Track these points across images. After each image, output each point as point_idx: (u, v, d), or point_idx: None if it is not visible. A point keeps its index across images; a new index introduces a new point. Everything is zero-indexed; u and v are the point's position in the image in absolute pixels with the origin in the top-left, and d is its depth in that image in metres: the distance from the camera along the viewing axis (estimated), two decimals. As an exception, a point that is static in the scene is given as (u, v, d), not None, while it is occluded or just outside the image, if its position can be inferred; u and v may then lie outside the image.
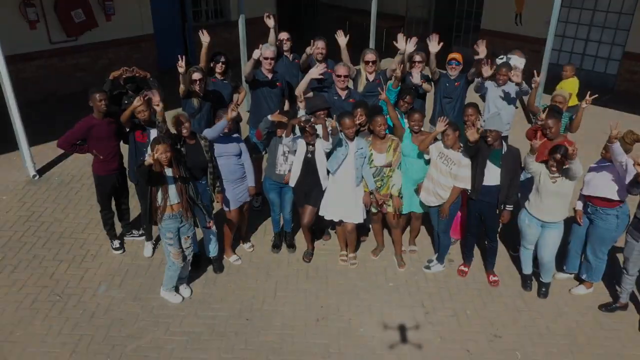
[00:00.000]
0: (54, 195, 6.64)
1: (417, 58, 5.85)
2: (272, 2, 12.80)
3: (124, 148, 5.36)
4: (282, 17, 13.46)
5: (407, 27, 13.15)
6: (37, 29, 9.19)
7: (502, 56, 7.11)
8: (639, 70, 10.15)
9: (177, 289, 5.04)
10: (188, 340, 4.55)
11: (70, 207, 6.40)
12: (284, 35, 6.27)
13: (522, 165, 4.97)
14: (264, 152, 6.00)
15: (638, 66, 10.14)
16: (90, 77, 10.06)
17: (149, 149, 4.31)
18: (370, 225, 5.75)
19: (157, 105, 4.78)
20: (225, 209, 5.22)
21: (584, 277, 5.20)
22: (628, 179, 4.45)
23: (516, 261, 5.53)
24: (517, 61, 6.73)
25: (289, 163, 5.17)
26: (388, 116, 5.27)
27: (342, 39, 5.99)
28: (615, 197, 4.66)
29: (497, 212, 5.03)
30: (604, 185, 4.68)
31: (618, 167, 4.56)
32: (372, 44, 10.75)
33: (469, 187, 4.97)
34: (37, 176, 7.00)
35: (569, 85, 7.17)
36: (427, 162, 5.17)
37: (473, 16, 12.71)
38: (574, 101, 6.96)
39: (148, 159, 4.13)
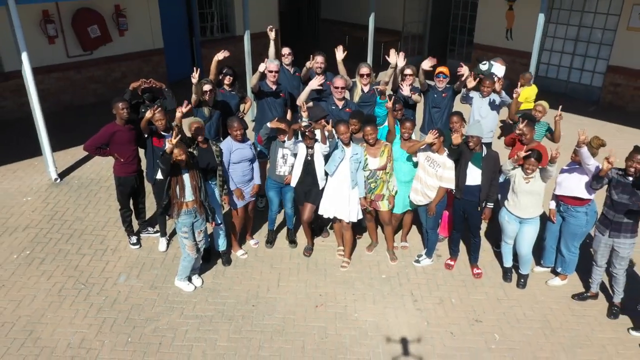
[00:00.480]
0: (74, 197, 7.20)
1: (408, 72, 6.44)
2: (274, 18, 13.44)
3: (141, 152, 5.92)
4: (284, 32, 14.12)
5: (403, 41, 13.77)
6: (56, 44, 9.82)
7: (485, 62, 7.76)
8: (622, 82, 10.72)
9: (189, 279, 5.57)
10: (200, 323, 5.08)
11: (90, 207, 6.96)
12: (285, 50, 6.87)
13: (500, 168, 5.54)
14: (269, 157, 6.56)
15: (621, 79, 10.72)
16: (104, 89, 10.71)
17: (167, 142, 4.84)
18: (366, 224, 6.28)
19: (180, 112, 5.30)
20: (233, 207, 5.77)
21: (559, 270, 5.72)
22: (590, 174, 5.01)
23: (498, 256, 6.05)
24: (499, 69, 7.38)
25: (287, 165, 5.73)
26: (384, 125, 5.85)
27: (339, 54, 6.59)
28: (585, 196, 5.20)
29: (479, 209, 5.58)
30: (575, 186, 5.23)
31: (586, 168, 5.10)
32: (369, 57, 11.36)
33: (453, 187, 5.52)
34: (59, 179, 7.57)
35: (525, 92, 7.70)
36: (415, 165, 5.72)
37: (467, 31, 13.35)
38: (529, 105, 7.44)
39: (169, 146, 4.68)
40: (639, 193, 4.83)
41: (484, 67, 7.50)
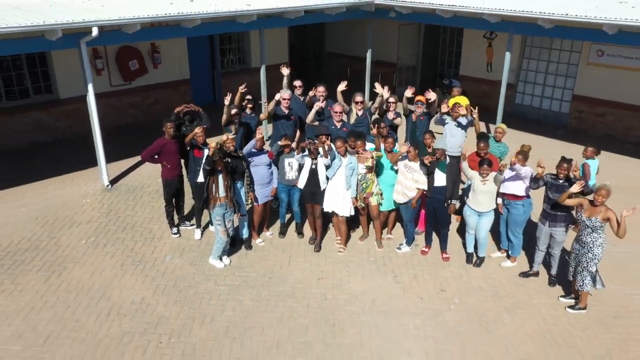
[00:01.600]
0: (124, 199, 8.88)
1: (391, 100, 8.17)
2: (285, 52, 15.29)
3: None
4: (293, 63, 15.95)
5: (398, 73, 15.56)
6: (102, 75, 11.65)
7: (446, 79, 9.90)
8: (585, 109, 12.40)
9: (220, 259, 7.17)
10: (230, 289, 6.67)
11: (137, 207, 8.62)
12: (297, 83, 8.64)
13: (463, 174, 7.18)
14: (278, 168, 8.21)
15: (584, 106, 12.40)
16: (139, 113, 12.49)
17: (205, 153, 6.54)
18: (359, 219, 7.89)
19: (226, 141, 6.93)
20: (255, 204, 7.41)
21: (509, 253, 7.30)
22: (527, 180, 6.65)
23: (465, 246, 7.61)
24: (455, 82, 9.55)
25: (294, 170, 7.35)
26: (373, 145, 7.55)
27: (341, 87, 8.35)
28: (521, 193, 6.84)
29: (446, 205, 7.17)
30: (512, 186, 6.87)
31: (521, 176, 6.73)
32: (367, 86, 13.17)
33: (426, 187, 7.14)
34: (110, 186, 9.25)
35: (457, 100, 9.17)
36: (397, 172, 7.36)
37: (453, 64, 15.17)
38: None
39: (210, 150, 6.34)
40: (567, 192, 6.44)
41: (446, 82, 9.61)
